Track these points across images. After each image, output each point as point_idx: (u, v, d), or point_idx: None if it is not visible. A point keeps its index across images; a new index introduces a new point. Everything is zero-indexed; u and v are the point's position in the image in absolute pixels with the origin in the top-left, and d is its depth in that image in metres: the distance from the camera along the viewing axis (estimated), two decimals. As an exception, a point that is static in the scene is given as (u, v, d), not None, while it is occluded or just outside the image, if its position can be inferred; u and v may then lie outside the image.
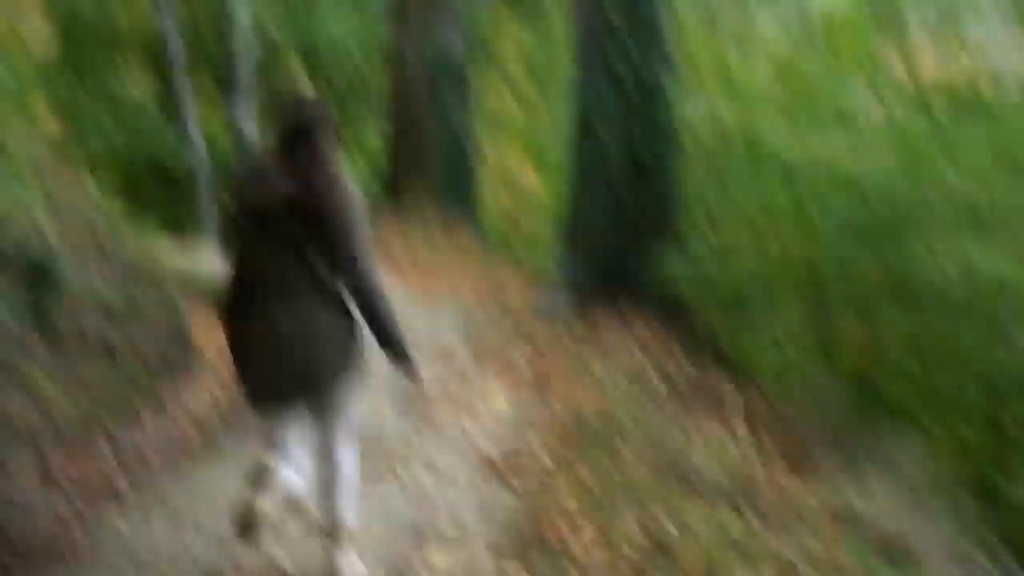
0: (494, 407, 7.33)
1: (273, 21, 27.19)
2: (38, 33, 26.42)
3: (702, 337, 9.39)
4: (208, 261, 14.38)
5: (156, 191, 25.21)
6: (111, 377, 7.56)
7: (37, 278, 7.06)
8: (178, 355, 8.97)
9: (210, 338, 10.51)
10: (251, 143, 25.20)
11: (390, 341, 4.02)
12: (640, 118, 9.52)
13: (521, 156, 16.83)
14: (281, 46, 25.66)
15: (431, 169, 15.70)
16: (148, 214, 18.96)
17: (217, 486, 5.69)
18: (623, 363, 8.68)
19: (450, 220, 15.41)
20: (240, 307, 4.03)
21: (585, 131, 9.80)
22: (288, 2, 27.83)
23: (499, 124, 18.19)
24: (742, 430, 8.00)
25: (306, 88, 28.89)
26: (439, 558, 4.84)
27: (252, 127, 25.50)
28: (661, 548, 4.95)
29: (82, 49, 25.94)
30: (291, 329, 3.91)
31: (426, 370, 7.63)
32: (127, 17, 26.78)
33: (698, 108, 9.75)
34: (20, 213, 7.22)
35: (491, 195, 17.03)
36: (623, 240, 9.64)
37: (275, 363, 3.94)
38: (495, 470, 6.01)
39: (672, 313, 9.40)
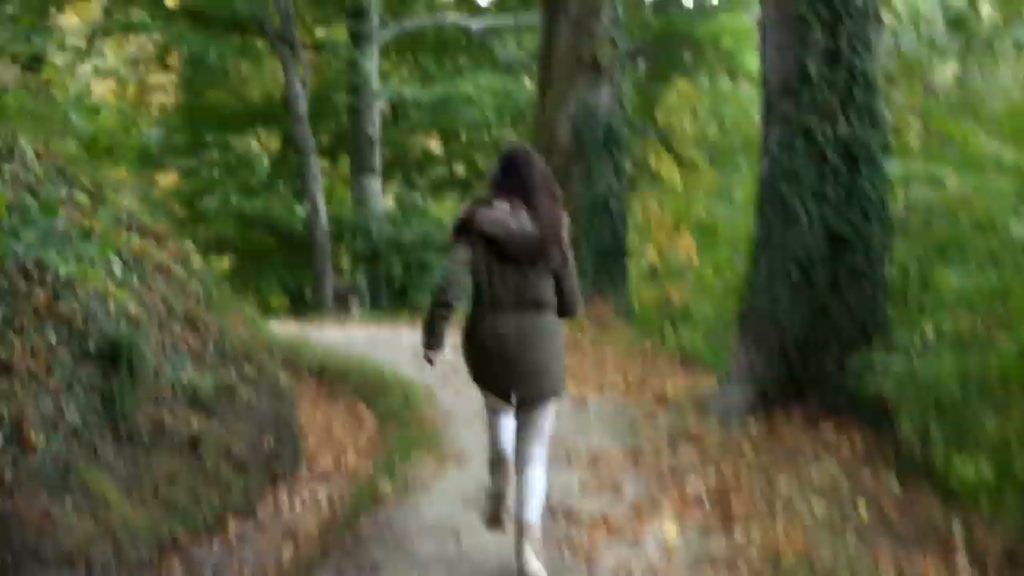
0: (661, 536, 5.87)
1: (403, 79, 26.76)
2: (163, 83, 26.24)
3: (910, 449, 7.81)
4: (325, 331, 13.28)
5: (270, 252, 24.95)
6: (193, 481, 6.38)
7: (110, 358, 6.13)
8: (278, 450, 7.77)
9: (317, 424, 9.26)
10: (375, 201, 24.26)
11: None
12: (841, 185, 7.99)
13: (679, 226, 15.27)
14: (410, 104, 24.84)
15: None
16: (261, 279, 18.05)
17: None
18: (816, 480, 7.15)
19: (593, 294, 14.00)
20: (484, 313, 5.03)
21: (773, 199, 8.28)
22: (418, 60, 27.27)
23: (656, 189, 16.83)
24: (967, 573, 6.44)
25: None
26: None
27: (376, 186, 24.56)
28: None
29: (204, 101, 25.81)
30: (533, 329, 5.00)
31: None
32: (253, 72, 26.50)
33: (909, 173, 8.11)
34: (93, 278, 6.13)
35: (641, 269, 15.56)
36: (816, 328, 8.08)
37: (519, 356, 4.98)
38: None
39: (873, 419, 7.85)
